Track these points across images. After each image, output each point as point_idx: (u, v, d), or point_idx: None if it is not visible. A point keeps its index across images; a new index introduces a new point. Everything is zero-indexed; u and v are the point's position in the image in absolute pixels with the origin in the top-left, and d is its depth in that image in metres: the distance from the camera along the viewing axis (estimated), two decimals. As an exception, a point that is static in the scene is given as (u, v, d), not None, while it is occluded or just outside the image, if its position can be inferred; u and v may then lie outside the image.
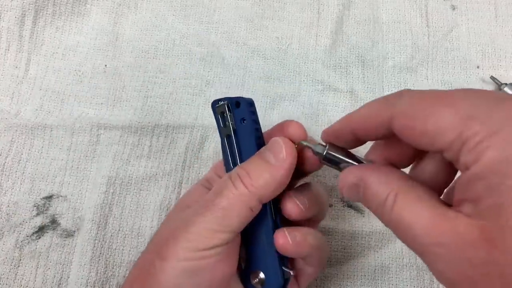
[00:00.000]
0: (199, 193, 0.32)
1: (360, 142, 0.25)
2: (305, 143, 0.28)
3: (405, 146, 0.24)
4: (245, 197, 0.26)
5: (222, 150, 0.31)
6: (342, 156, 0.26)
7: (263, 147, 0.29)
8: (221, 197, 0.26)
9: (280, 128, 0.30)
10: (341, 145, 0.26)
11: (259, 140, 0.30)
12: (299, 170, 0.29)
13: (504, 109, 0.18)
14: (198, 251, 0.25)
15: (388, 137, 0.23)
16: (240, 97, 0.30)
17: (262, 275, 0.28)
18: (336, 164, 0.26)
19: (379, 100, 0.23)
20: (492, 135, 0.18)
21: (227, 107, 0.30)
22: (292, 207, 0.28)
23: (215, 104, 0.31)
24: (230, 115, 0.30)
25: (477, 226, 0.18)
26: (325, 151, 0.26)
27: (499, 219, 0.17)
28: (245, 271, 0.29)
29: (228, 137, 0.30)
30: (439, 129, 0.19)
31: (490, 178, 0.18)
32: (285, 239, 0.27)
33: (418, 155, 0.25)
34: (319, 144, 0.27)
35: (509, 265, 0.17)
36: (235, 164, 0.30)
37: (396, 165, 0.25)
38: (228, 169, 0.30)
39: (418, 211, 0.20)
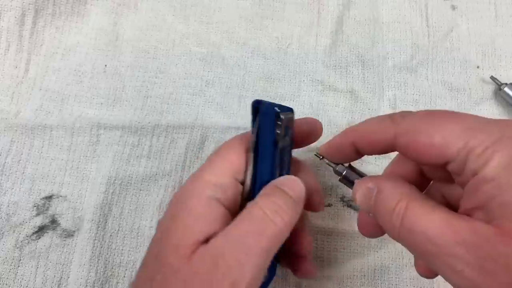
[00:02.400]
0: (214, 214, 0.27)
1: (358, 155, 0.27)
2: (326, 161, 0.29)
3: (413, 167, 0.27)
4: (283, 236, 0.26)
5: (264, 156, 0.29)
6: (359, 175, 0.28)
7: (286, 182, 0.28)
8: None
9: (306, 127, 0.30)
10: (340, 158, 0.28)
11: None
12: None
13: (500, 121, 0.21)
14: None
15: (386, 152, 0.25)
16: (289, 107, 0.29)
17: None
18: (351, 183, 0.28)
19: (382, 117, 0.25)
20: (497, 141, 0.19)
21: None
22: None
23: (273, 108, 0.29)
24: (292, 127, 0.29)
25: (492, 224, 0.19)
26: (345, 171, 0.28)
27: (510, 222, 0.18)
28: None
29: (283, 148, 0.29)
30: (445, 141, 0.21)
31: (500, 178, 0.19)
32: None
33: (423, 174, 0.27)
34: (340, 164, 0.29)
35: None
36: (280, 174, 0.29)
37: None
38: (266, 178, 0.29)
39: (431, 216, 0.20)
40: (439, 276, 0.37)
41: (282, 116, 0.28)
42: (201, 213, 0.26)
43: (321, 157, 0.29)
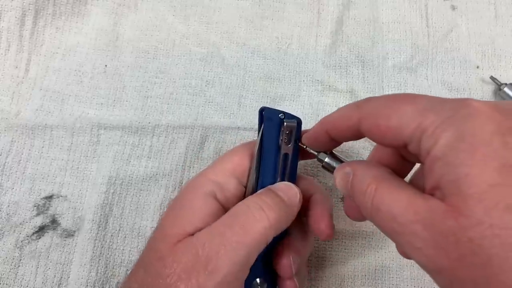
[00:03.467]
0: (207, 209, 0.28)
1: (335, 143, 0.28)
2: (309, 150, 0.30)
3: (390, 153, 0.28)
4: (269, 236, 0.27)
5: (266, 161, 0.30)
6: (340, 162, 0.29)
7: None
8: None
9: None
10: (319, 146, 0.29)
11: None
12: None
13: (454, 100, 0.21)
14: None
15: (358, 138, 0.26)
16: (296, 116, 0.30)
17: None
18: (333, 169, 0.29)
19: (349, 105, 0.26)
20: (445, 121, 0.20)
21: (297, 126, 0.30)
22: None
23: (277, 116, 0.30)
24: (295, 135, 0.30)
25: (445, 201, 0.19)
26: (326, 158, 0.29)
27: (460, 189, 0.19)
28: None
29: (286, 156, 0.30)
30: (400, 122, 0.22)
31: (447, 156, 0.19)
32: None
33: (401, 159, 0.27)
34: (323, 152, 0.30)
35: (474, 228, 0.18)
36: (282, 178, 0.30)
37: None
38: (266, 182, 0.30)
39: (396, 195, 0.21)
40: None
41: (285, 123, 0.29)
42: (195, 206, 0.28)
43: (304, 146, 0.30)
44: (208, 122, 0.41)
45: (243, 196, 0.30)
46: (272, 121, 0.30)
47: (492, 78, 0.41)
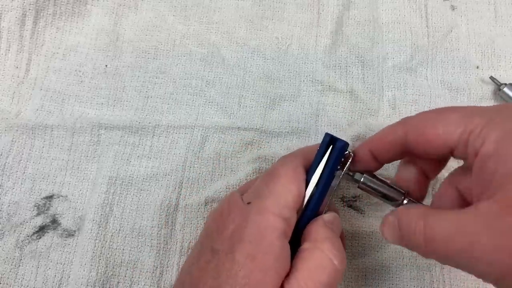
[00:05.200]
0: (285, 254, 0.26)
1: (377, 164, 0.29)
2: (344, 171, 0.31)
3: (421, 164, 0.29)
4: None
5: (323, 190, 0.30)
6: (376, 182, 0.30)
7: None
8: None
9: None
10: (360, 167, 0.30)
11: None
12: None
13: (494, 106, 0.23)
14: None
15: (402, 155, 0.27)
16: (344, 141, 0.31)
17: None
18: (371, 189, 0.30)
19: (394, 122, 0.27)
20: (490, 121, 0.21)
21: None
22: None
23: (343, 146, 0.30)
24: (348, 166, 0.31)
25: (496, 200, 0.20)
26: (362, 178, 0.31)
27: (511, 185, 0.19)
28: None
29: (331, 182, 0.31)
30: (447, 129, 0.23)
31: (499, 151, 0.20)
32: None
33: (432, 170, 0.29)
34: (358, 172, 0.31)
35: None
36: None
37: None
38: (316, 209, 0.30)
39: (444, 221, 0.22)
40: (437, 276, 0.38)
41: (350, 154, 0.31)
42: (278, 253, 0.26)
43: (349, 172, 0.31)
44: (208, 122, 0.41)
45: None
46: (341, 152, 0.30)
47: (491, 78, 0.41)
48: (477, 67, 0.43)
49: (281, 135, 0.41)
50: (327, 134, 0.31)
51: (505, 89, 0.40)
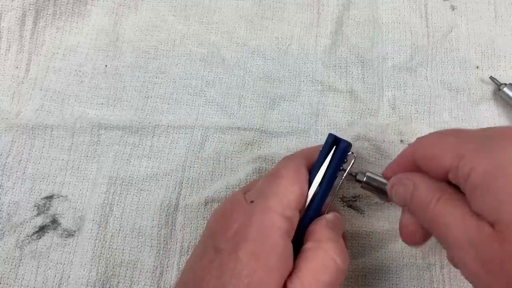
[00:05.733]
0: (287, 252, 0.27)
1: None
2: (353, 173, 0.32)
3: None
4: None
5: (326, 190, 0.31)
6: (379, 181, 0.31)
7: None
8: None
9: None
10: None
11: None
12: None
13: (493, 129, 0.23)
14: None
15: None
16: (347, 141, 0.31)
17: None
18: (374, 188, 0.31)
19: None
20: (481, 148, 0.22)
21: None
22: None
23: (346, 146, 0.31)
24: (351, 166, 0.32)
25: (490, 224, 0.20)
26: (365, 178, 0.31)
27: (502, 217, 0.20)
28: None
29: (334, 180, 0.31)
30: (442, 151, 0.24)
31: (486, 183, 0.21)
32: None
33: None
34: (361, 172, 0.32)
35: None
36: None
37: None
38: (318, 209, 0.31)
39: (453, 209, 0.23)
40: (437, 275, 0.38)
41: (353, 155, 0.32)
42: (281, 252, 0.26)
43: (353, 173, 0.32)
44: (208, 122, 0.41)
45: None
46: (344, 153, 0.31)
47: (491, 78, 0.41)
48: (477, 67, 0.43)
49: (281, 135, 0.41)
50: (330, 135, 0.31)
51: (505, 89, 0.40)
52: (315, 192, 0.30)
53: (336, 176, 0.31)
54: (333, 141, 0.31)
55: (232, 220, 0.27)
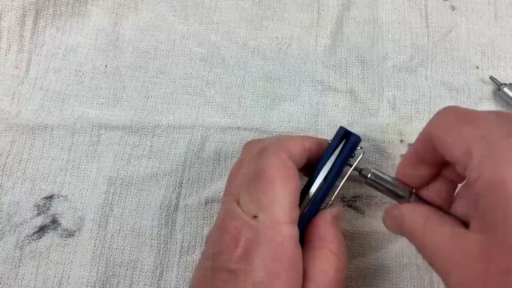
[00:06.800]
0: (298, 258, 0.27)
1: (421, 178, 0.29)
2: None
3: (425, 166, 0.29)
4: None
5: (331, 182, 0.31)
6: (384, 178, 0.31)
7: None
8: None
9: None
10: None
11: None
12: None
13: (506, 130, 0.21)
14: None
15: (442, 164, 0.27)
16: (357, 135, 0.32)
17: None
18: (378, 185, 0.31)
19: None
20: (492, 157, 0.20)
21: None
22: None
23: (356, 140, 0.31)
24: (358, 161, 0.32)
25: (479, 242, 0.20)
26: (369, 174, 0.31)
27: (496, 235, 0.19)
28: None
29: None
30: (454, 142, 0.23)
31: (490, 194, 0.20)
32: None
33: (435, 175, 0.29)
34: (366, 168, 0.32)
35: (504, 276, 0.19)
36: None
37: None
38: (321, 201, 0.31)
39: (440, 233, 0.23)
40: (437, 276, 0.37)
41: (362, 150, 0.32)
42: (297, 262, 0.26)
43: (359, 167, 0.32)
44: (208, 122, 0.41)
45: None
46: (354, 146, 0.31)
47: (491, 78, 0.41)
48: (477, 67, 0.43)
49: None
50: (341, 128, 0.31)
51: (505, 89, 0.40)
52: (319, 186, 0.30)
53: (342, 170, 0.31)
54: (344, 134, 0.31)
55: (237, 237, 0.27)
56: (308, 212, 0.30)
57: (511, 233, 0.19)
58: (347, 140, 0.31)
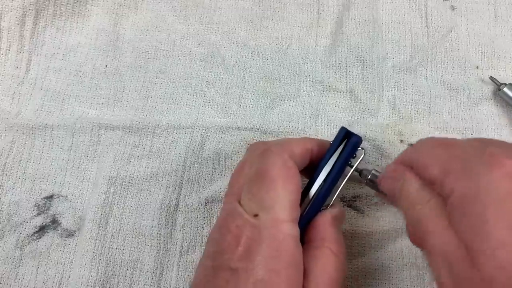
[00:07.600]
0: (299, 259, 0.27)
1: None
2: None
3: None
4: None
5: (332, 182, 0.31)
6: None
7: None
8: None
9: None
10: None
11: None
12: None
13: (482, 151, 0.22)
14: None
15: None
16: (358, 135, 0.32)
17: None
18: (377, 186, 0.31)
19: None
20: (464, 171, 0.22)
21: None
22: None
23: (357, 140, 0.31)
24: (359, 161, 0.32)
25: (464, 246, 0.21)
26: (369, 175, 0.31)
27: (474, 243, 0.20)
28: None
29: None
30: (433, 162, 0.24)
31: (463, 207, 0.21)
32: None
33: None
34: (367, 168, 0.32)
35: (486, 284, 0.19)
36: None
37: None
38: (322, 201, 0.31)
39: (436, 221, 0.23)
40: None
41: (363, 151, 0.32)
42: (298, 260, 0.27)
43: (360, 169, 0.32)
44: (208, 122, 0.41)
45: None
46: (356, 147, 0.31)
47: (491, 78, 0.41)
48: (477, 67, 0.43)
49: (281, 135, 0.41)
50: (342, 128, 0.31)
51: (505, 89, 0.40)
52: (320, 186, 0.30)
53: (343, 171, 0.31)
54: (345, 134, 0.31)
55: (239, 236, 0.27)
56: (308, 212, 0.30)
57: (489, 240, 0.19)
58: (348, 140, 0.31)
